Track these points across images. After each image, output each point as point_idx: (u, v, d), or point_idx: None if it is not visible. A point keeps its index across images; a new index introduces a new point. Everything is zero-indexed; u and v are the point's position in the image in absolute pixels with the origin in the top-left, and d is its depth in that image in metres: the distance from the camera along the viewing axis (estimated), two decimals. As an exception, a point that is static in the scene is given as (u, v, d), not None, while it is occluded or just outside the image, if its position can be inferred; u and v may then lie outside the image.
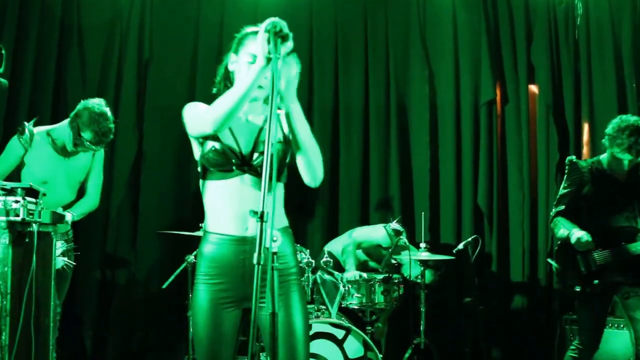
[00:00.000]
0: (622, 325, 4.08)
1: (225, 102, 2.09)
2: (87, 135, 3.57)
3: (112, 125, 3.65)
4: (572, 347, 3.61)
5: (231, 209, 2.22)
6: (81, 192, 3.87)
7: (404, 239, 4.21)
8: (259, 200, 1.93)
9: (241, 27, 2.36)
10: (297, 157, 2.23)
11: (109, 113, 3.67)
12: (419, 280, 4.15)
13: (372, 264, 4.53)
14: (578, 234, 3.48)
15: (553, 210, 3.74)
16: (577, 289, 3.56)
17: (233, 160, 2.20)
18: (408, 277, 4.15)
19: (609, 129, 3.54)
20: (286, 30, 2.00)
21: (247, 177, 2.21)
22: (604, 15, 4.95)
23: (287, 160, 2.28)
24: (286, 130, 2.29)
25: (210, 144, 2.21)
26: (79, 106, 3.65)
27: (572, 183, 3.64)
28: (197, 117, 2.21)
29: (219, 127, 2.11)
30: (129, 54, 4.97)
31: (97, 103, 3.65)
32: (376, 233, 4.37)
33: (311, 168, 2.24)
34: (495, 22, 5.12)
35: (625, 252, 3.49)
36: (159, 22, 5.07)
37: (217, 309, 2.19)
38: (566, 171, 3.71)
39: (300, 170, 2.25)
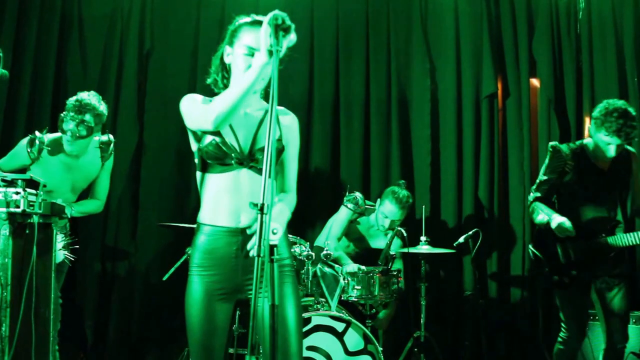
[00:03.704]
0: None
1: (227, 99, 2.08)
2: (66, 125, 3.58)
3: (95, 113, 3.63)
4: (559, 339, 3.61)
5: (227, 201, 2.23)
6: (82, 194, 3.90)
7: (359, 200, 4.32)
8: (256, 193, 1.94)
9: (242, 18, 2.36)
10: None
11: (96, 103, 3.65)
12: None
13: (355, 244, 4.53)
14: (559, 219, 3.41)
15: (531, 194, 3.68)
16: (555, 278, 3.54)
17: (232, 155, 2.20)
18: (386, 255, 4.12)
19: (595, 113, 3.44)
20: (288, 22, 1.98)
21: (245, 172, 2.22)
22: (606, 9, 4.93)
23: (280, 158, 2.33)
24: (283, 128, 2.32)
25: (209, 138, 2.22)
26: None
27: (554, 170, 3.55)
28: (198, 112, 2.20)
29: (220, 125, 2.11)
30: (129, 46, 4.96)
31: (84, 95, 3.65)
32: (341, 215, 4.39)
33: None
34: (497, 15, 5.10)
35: (604, 244, 3.45)
36: (160, 14, 5.06)
37: (211, 300, 2.20)
38: (548, 156, 3.62)
39: None
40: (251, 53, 2.17)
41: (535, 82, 5.11)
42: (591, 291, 3.56)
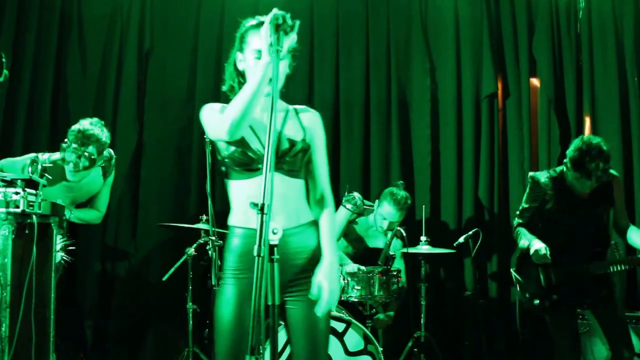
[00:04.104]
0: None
1: (237, 106, 2.07)
2: (68, 156, 3.55)
3: (98, 144, 3.61)
4: (555, 354, 3.60)
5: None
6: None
7: (358, 200, 4.29)
8: (286, 196, 2.05)
9: (242, 17, 2.34)
10: None
11: (99, 133, 3.63)
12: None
13: (353, 245, 4.53)
14: (537, 246, 3.42)
15: (515, 220, 3.71)
16: (536, 302, 3.53)
17: (258, 159, 2.18)
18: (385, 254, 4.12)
19: (569, 151, 3.39)
20: (289, 21, 1.98)
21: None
22: (606, 8, 4.92)
23: (306, 156, 2.29)
24: (305, 127, 2.31)
25: (233, 145, 2.21)
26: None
27: (534, 199, 3.58)
28: (214, 122, 2.19)
29: (234, 133, 2.10)
30: (129, 45, 4.96)
31: (86, 124, 3.62)
32: (340, 216, 4.38)
33: None
34: (497, 15, 5.09)
35: (585, 272, 3.45)
36: (160, 13, 5.05)
37: (243, 304, 2.18)
38: (528, 186, 3.64)
39: None
40: (260, 56, 2.15)
41: (535, 81, 5.10)
42: (576, 313, 3.60)
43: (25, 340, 2.71)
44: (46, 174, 3.55)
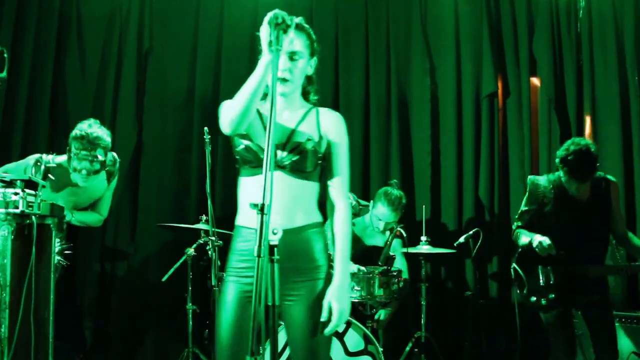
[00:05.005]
0: (617, 319, 4.05)
1: (237, 102, 2.09)
2: (79, 164, 3.54)
3: (104, 145, 3.59)
4: (552, 352, 3.62)
5: None
6: None
7: (353, 201, 4.26)
8: (288, 196, 2.04)
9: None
10: None
11: (103, 135, 3.61)
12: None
13: (352, 246, 4.51)
14: (540, 238, 3.45)
15: (514, 224, 3.74)
16: (533, 299, 3.56)
17: (262, 157, 2.18)
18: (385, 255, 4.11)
19: (558, 153, 3.50)
20: (288, 21, 1.99)
21: (277, 174, 2.18)
22: (606, 7, 4.92)
23: (319, 158, 2.28)
24: (323, 129, 2.30)
25: (242, 142, 2.21)
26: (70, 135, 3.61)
27: (533, 202, 3.62)
28: (222, 118, 2.20)
29: (235, 128, 2.12)
30: (128, 46, 4.95)
31: (86, 127, 3.59)
32: None
33: None
34: (497, 14, 5.09)
35: (584, 273, 3.48)
36: (159, 13, 5.05)
37: (244, 304, 2.17)
38: (527, 189, 3.68)
39: None
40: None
41: (535, 81, 5.10)
42: (572, 314, 3.59)
43: (25, 341, 2.70)
44: (50, 175, 3.55)
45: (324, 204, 2.41)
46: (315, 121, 2.32)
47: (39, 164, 3.58)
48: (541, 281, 3.54)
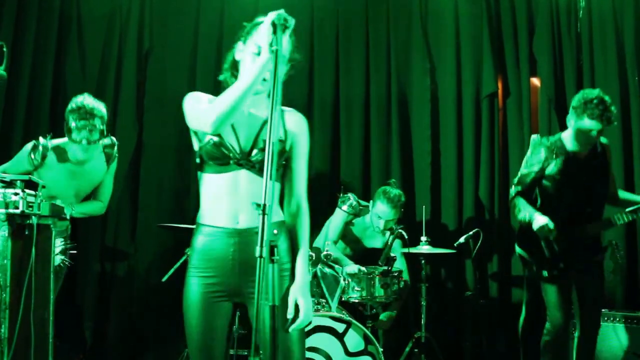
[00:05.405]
0: (617, 319, 4.07)
1: (226, 101, 2.04)
2: (77, 134, 3.54)
3: (100, 115, 3.59)
4: (544, 330, 3.68)
5: (225, 202, 2.20)
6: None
7: (353, 201, 4.34)
8: (254, 195, 1.95)
9: (242, 17, 2.34)
10: None
11: (98, 106, 3.62)
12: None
13: (351, 247, 4.52)
14: (541, 221, 3.48)
15: (512, 189, 3.75)
16: (545, 274, 3.61)
17: (231, 155, 2.17)
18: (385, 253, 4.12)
19: (574, 102, 3.54)
20: (291, 23, 1.98)
21: (244, 172, 2.18)
22: (606, 7, 4.92)
23: (284, 158, 2.26)
24: (287, 129, 2.27)
25: (209, 137, 2.17)
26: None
27: (536, 163, 3.62)
28: (198, 113, 2.15)
29: (218, 127, 2.07)
30: (128, 45, 4.95)
31: (81, 100, 3.60)
32: (336, 218, 4.38)
33: None
34: (497, 14, 5.09)
35: (582, 232, 3.57)
36: (159, 13, 5.05)
37: (209, 302, 2.17)
38: (530, 150, 3.70)
39: None
40: (260, 53, 2.13)
41: (535, 81, 5.10)
42: (574, 278, 3.66)
43: (25, 341, 2.70)
44: (48, 155, 3.55)
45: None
46: (281, 121, 2.27)
47: (36, 146, 3.59)
48: (547, 254, 3.60)
